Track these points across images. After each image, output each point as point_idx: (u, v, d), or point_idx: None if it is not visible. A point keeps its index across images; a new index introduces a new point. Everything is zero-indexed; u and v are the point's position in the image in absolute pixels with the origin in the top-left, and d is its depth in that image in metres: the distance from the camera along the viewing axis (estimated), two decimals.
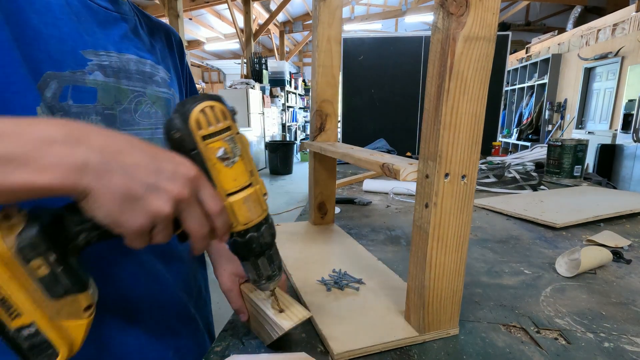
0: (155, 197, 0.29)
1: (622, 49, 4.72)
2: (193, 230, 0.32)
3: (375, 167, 0.53)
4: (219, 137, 0.33)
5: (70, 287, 0.29)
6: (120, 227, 0.29)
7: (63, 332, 0.29)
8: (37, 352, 0.28)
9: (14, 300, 0.27)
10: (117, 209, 0.28)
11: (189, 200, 0.31)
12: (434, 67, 0.41)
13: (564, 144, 1.54)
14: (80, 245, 0.30)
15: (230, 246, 0.39)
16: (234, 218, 0.36)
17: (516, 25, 8.16)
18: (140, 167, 0.29)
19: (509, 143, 7.01)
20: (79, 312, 0.30)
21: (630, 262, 0.74)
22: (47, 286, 0.28)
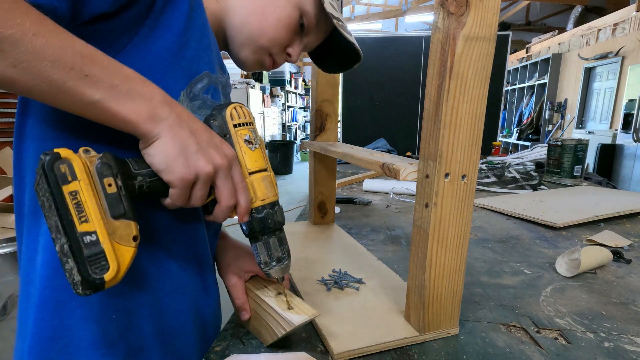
0: (202, 157, 0.37)
1: (622, 49, 4.72)
2: (222, 197, 0.40)
3: (375, 167, 0.53)
4: (245, 127, 0.44)
5: (127, 211, 0.34)
6: (170, 173, 0.36)
7: (115, 251, 0.33)
8: (93, 261, 0.31)
9: (86, 206, 0.32)
10: (173, 157, 0.36)
11: (225, 171, 0.39)
12: (434, 66, 0.41)
13: (564, 143, 1.54)
14: (135, 187, 0.36)
15: (247, 224, 0.44)
16: (254, 194, 0.44)
17: (516, 25, 8.16)
18: (199, 133, 0.38)
19: (509, 143, 7.01)
20: (129, 239, 0.34)
21: (630, 262, 0.74)
22: (111, 204, 0.33)
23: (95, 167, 0.33)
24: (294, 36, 0.56)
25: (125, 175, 0.35)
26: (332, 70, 0.69)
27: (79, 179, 0.32)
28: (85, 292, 0.31)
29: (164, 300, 0.48)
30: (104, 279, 0.32)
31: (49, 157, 0.31)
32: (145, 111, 0.35)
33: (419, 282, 0.46)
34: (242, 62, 0.58)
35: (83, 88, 0.32)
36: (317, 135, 0.84)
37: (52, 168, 0.31)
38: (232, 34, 0.55)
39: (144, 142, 0.36)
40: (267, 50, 0.56)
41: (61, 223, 0.31)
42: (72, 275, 0.31)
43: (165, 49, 0.42)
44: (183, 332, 0.51)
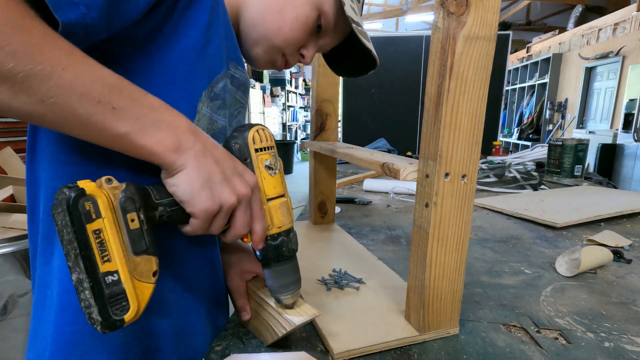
0: (227, 188, 0.37)
1: (623, 49, 4.71)
2: (238, 226, 0.39)
3: (375, 166, 0.53)
4: (267, 151, 0.43)
5: (148, 247, 0.33)
6: (193, 205, 0.35)
7: (136, 290, 0.32)
8: (114, 302, 0.31)
9: (109, 245, 0.31)
10: (197, 187, 0.35)
11: (247, 201, 0.39)
12: (434, 66, 0.41)
13: (565, 143, 1.54)
14: (156, 217, 0.35)
15: (262, 251, 0.44)
16: (270, 221, 0.43)
17: (517, 25, 8.15)
18: (223, 161, 0.38)
19: (509, 143, 7.01)
20: (149, 275, 0.34)
21: (630, 262, 0.74)
22: (133, 240, 0.33)
23: (119, 202, 0.32)
24: (309, 37, 0.54)
25: (147, 206, 0.34)
26: (345, 74, 0.67)
27: (103, 217, 0.31)
28: (103, 330, 0.31)
29: (186, 328, 0.49)
30: (124, 320, 0.32)
31: (74, 194, 0.30)
32: (171, 142, 0.34)
33: (419, 281, 0.46)
34: (254, 60, 0.56)
35: (110, 122, 0.31)
36: (317, 135, 0.84)
37: (77, 206, 0.30)
38: (246, 30, 0.53)
39: (167, 172, 0.35)
40: (280, 50, 0.54)
41: (83, 263, 0.30)
42: (91, 312, 0.31)
43: (189, 47, 0.41)
44: (200, 338, 0.52)
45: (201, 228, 0.37)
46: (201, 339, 0.52)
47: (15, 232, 1.29)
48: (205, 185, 0.35)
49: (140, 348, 0.45)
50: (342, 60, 0.66)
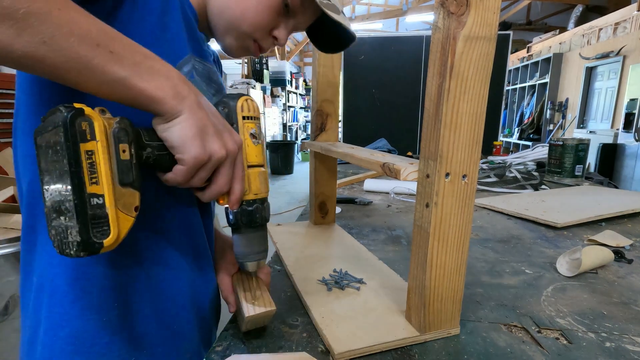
0: (217, 140, 0.38)
1: (623, 48, 4.71)
2: (219, 182, 0.40)
3: (376, 166, 0.53)
4: (252, 121, 0.45)
5: (134, 181, 0.34)
6: (183, 151, 0.36)
7: (118, 219, 0.33)
8: (96, 224, 0.31)
9: (99, 168, 0.31)
10: (190, 135, 0.36)
11: (232, 158, 0.40)
12: (434, 66, 0.41)
13: (566, 143, 1.54)
14: (143, 157, 0.36)
15: (235, 214, 0.45)
16: (248, 186, 0.45)
17: (517, 25, 8.14)
18: (216, 116, 0.40)
19: (510, 142, 7.00)
20: (131, 208, 0.34)
21: (631, 262, 0.74)
22: (122, 170, 0.33)
23: (113, 131, 0.33)
24: (278, 18, 0.53)
25: (137, 144, 0.35)
26: (327, 50, 0.66)
27: (98, 140, 0.31)
28: (78, 253, 0.30)
29: (161, 285, 0.48)
30: (103, 244, 0.31)
31: (72, 112, 0.30)
32: (169, 89, 0.35)
33: (419, 282, 0.46)
34: (228, 49, 0.56)
35: (110, 65, 0.31)
36: (317, 135, 0.85)
37: (74, 123, 0.30)
38: (214, 21, 0.53)
39: (163, 118, 0.36)
40: (250, 36, 0.53)
41: (71, 180, 0.30)
42: (67, 235, 0.30)
43: (146, 32, 0.41)
44: (181, 317, 0.51)
45: (185, 176, 0.37)
46: (179, 299, 0.50)
47: (16, 232, 1.29)
48: (198, 134, 0.36)
49: (126, 332, 0.45)
50: (323, 36, 0.65)
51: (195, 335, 0.54)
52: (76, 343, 0.43)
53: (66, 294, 0.43)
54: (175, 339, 0.51)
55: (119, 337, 0.45)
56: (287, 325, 0.52)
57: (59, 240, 0.31)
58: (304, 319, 0.53)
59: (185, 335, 0.52)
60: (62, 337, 0.43)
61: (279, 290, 0.62)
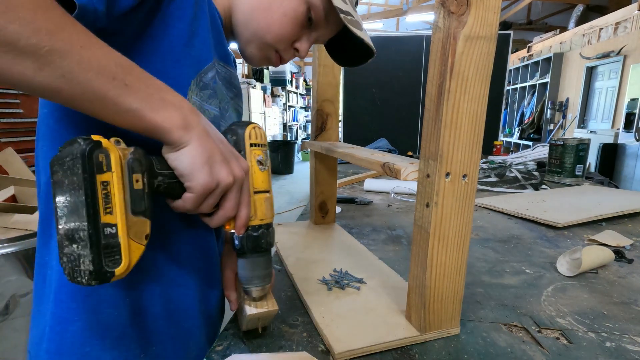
0: (225, 167, 0.39)
1: (624, 48, 4.70)
2: (226, 207, 0.41)
3: (376, 166, 0.53)
4: (259, 148, 0.46)
5: (146, 209, 0.35)
6: (192, 179, 0.37)
7: (129, 247, 0.33)
8: (108, 253, 0.32)
9: (113, 199, 0.32)
10: (198, 164, 0.37)
11: (239, 183, 0.41)
12: (434, 66, 0.41)
13: (566, 143, 1.54)
14: (154, 185, 0.37)
15: (241, 240, 0.46)
16: (254, 212, 0.45)
17: (518, 24, 8.14)
18: (223, 145, 0.41)
19: (510, 142, 7.00)
20: (142, 237, 0.35)
21: (632, 262, 0.74)
22: (134, 200, 0.34)
23: (127, 162, 0.34)
24: (301, 31, 0.54)
25: (149, 173, 0.36)
26: (346, 64, 0.67)
27: (113, 171, 0.32)
28: (90, 282, 0.31)
29: (171, 290, 0.49)
30: (114, 273, 0.32)
31: (91, 144, 0.31)
32: (178, 119, 0.36)
33: (419, 281, 0.46)
34: (249, 58, 0.57)
35: (123, 97, 0.33)
36: (318, 135, 0.85)
37: (92, 155, 0.31)
38: (238, 30, 0.55)
39: (171, 147, 0.37)
40: (273, 47, 0.54)
41: (86, 210, 0.31)
42: (79, 264, 0.31)
43: (176, 37, 0.43)
44: (191, 320, 0.52)
45: (194, 203, 0.39)
46: (191, 319, 0.52)
47: (17, 232, 1.29)
48: (206, 162, 0.37)
49: (133, 327, 0.46)
50: (342, 50, 0.66)
51: (203, 331, 0.55)
52: (87, 336, 0.44)
53: (80, 289, 0.43)
54: (185, 342, 0.51)
55: (128, 332, 0.46)
56: (287, 325, 0.52)
57: (71, 267, 0.31)
58: (304, 319, 0.53)
59: (194, 332, 0.53)
60: (73, 331, 0.44)
61: (279, 290, 0.62)
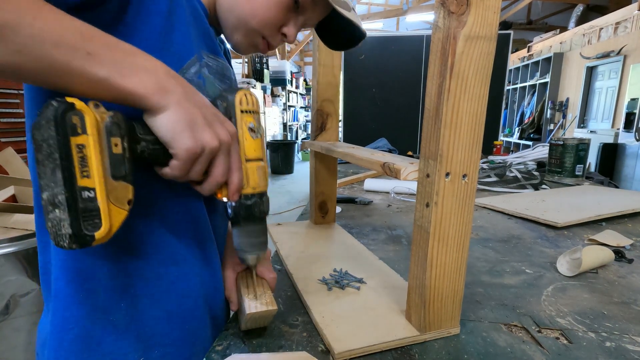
0: (208, 131, 0.38)
1: (624, 48, 4.70)
2: (216, 172, 0.40)
3: (376, 166, 0.53)
4: (251, 114, 0.45)
5: (126, 174, 0.35)
6: (175, 145, 0.36)
7: (110, 212, 0.33)
8: (87, 216, 0.32)
9: (90, 162, 0.32)
10: (179, 129, 0.36)
11: (227, 148, 0.40)
12: (434, 66, 0.41)
13: (566, 143, 1.54)
14: (137, 150, 0.36)
15: (234, 208, 0.45)
16: (246, 180, 0.44)
17: (518, 24, 8.13)
18: (205, 108, 0.39)
19: (510, 142, 7.00)
20: (124, 202, 0.35)
21: (632, 262, 0.74)
22: (114, 164, 0.34)
23: (105, 125, 0.33)
24: (288, 15, 0.53)
25: (131, 138, 0.35)
26: (336, 48, 0.66)
27: (89, 134, 0.32)
28: (71, 245, 0.31)
29: (171, 284, 0.47)
30: (94, 237, 0.32)
31: (63, 105, 0.30)
32: (152, 84, 0.35)
33: (419, 281, 0.46)
34: (236, 46, 0.56)
35: (88, 67, 0.31)
36: (318, 134, 0.84)
37: (64, 117, 0.30)
38: (224, 17, 0.53)
39: (150, 113, 0.36)
40: (259, 33, 0.53)
41: (62, 174, 0.30)
42: (60, 227, 0.31)
43: (152, 34, 0.41)
44: (195, 316, 0.50)
45: (181, 170, 0.38)
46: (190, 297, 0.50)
47: (17, 232, 1.29)
48: (187, 126, 0.36)
49: (123, 301, 0.45)
50: (332, 33, 0.64)
51: (209, 332, 0.53)
52: (83, 344, 0.43)
53: (71, 296, 0.43)
54: (189, 337, 0.50)
55: (126, 336, 0.45)
56: (287, 325, 0.52)
57: (54, 232, 0.31)
58: (304, 319, 0.53)
59: (199, 334, 0.51)
60: (69, 340, 0.43)
61: (279, 289, 0.62)
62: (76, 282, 0.43)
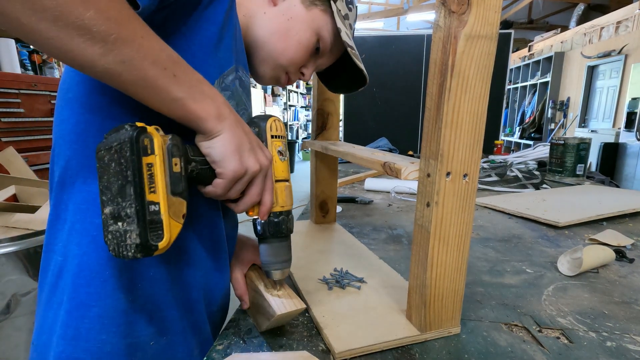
0: (252, 156, 0.43)
1: (625, 47, 4.69)
2: (252, 193, 0.45)
3: (376, 166, 0.53)
4: (280, 139, 0.50)
5: (183, 191, 0.38)
6: (223, 166, 0.41)
7: (169, 224, 0.36)
8: (152, 228, 0.35)
9: (156, 179, 0.35)
10: (229, 151, 0.41)
11: (265, 171, 0.45)
12: (435, 65, 0.41)
13: (567, 142, 1.54)
14: (189, 170, 0.40)
15: (263, 225, 0.49)
16: (276, 199, 0.48)
17: (519, 23, 8.11)
18: (251, 134, 0.44)
19: (511, 142, 6.99)
20: (180, 216, 0.38)
21: (633, 261, 0.74)
22: (174, 182, 0.37)
23: (167, 147, 0.37)
24: (309, 58, 0.61)
25: (185, 159, 0.39)
26: (338, 91, 0.75)
27: (156, 154, 0.35)
28: (136, 254, 0.34)
29: (181, 277, 0.50)
30: (158, 246, 0.35)
31: (137, 129, 0.34)
32: (214, 110, 0.40)
33: (420, 281, 0.46)
34: (260, 76, 0.62)
35: (171, 86, 0.36)
36: (318, 134, 0.84)
37: (139, 139, 0.34)
38: (254, 49, 0.59)
39: (205, 136, 0.40)
40: (284, 69, 0.60)
41: (134, 189, 0.34)
42: (125, 238, 0.34)
43: (207, 39, 0.46)
44: (197, 309, 0.53)
45: (224, 188, 0.42)
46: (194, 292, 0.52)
47: (18, 231, 1.29)
48: (236, 150, 0.41)
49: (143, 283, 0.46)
50: (335, 77, 0.73)
51: (208, 329, 0.56)
52: (104, 322, 0.45)
53: (97, 274, 0.44)
54: (193, 329, 0.52)
55: (144, 318, 0.47)
56: (287, 324, 0.52)
57: (116, 244, 0.35)
58: (304, 318, 0.53)
59: (201, 328, 0.54)
60: (91, 317, 0.44)
61: None
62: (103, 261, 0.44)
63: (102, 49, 0.32)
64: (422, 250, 0.45)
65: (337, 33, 0.60)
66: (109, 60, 0.33)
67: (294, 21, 0.58)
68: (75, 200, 0.45)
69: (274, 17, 0.57)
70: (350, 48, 0.59)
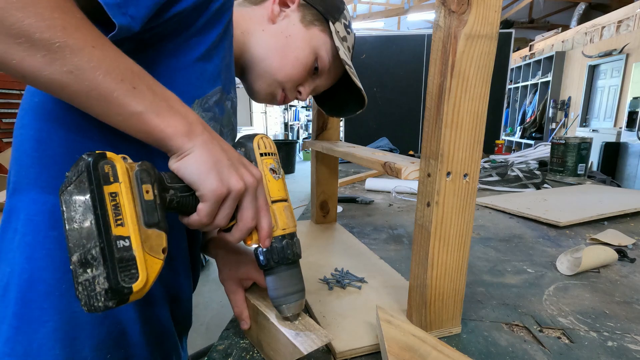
0: (234, 174, 0.38)
1: (626, 46, 4.68)
2: (245, 217, 0.39)
3: (377, 166, 0.53)
4: (270, 156, 0.46)
5: (159, 221, 0.33)
6: (201, 186, 0.36)
7: (146, 261, 0.31)
8: (123, 267, 0.30)
9: (123, 210, 0.31)
10: (205, 170, 0.36)
11: (253, 191, 0.39)
12: (435, 65, 0.41)
13: (568, 142, 1.53)
14: (167, 199, 0.35)
15: (266, 254, 0.43)
16: (275, 222, 0.43)
17: (519, 23, 8.10)
18: (231, 151, 0.40)
19: (512, 141, 6.98)
20: (159, 250, 0.33)
21: (634, 261, 0.73)
22: (147, 211, 0.32)
23: (135, 173, 0.33)
24: (307, 77, 0.61)
25: (160, 186, 0.35)
26: (335, 114, 0.74)
27: (120, 181, 0.31)
28: (107, 303, 0.29)
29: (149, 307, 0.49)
30: (132, 289, 0.30)
31: (94, 156, 0.30)
32: (182, 127, 0.36)
33: (421, 281, 0.46)
34: (255, 92, 0.62)
35: (129, 99, 0.33)
36: (319, 134, 0.84)
37: (97, 167, 0.30)
38: (251, 66, 0.59)
39: (176, 156, 0.37)
40: (281, 85, 0.60)
41: (96, 224, 0.29)
42: (94, 286, 0.29)
43: (192, 59, 0.45)
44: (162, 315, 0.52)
45: (208, 214, 0.37)
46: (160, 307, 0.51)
47: None
48: (213, 167, 0.36)
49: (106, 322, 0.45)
50: (332, 99, 0.74)
51: (174, 333, 0.55)
52: (59, 336, 0.43)
53: (54, 288, 0.42)
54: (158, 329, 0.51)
55: (103, 328, 0.45)
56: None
57: (86, 295, 0.29)
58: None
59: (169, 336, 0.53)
60: (45, 332, 0.42)
61: None
62: (61, 274, 0.43)
63: (45, 57, 0.29)
64: (423, 250, 0.45)
65: (336, 53, 0.60)
66: (54, 70, 0.30)
67: (293, 39, 0.57)
68: (28, 210, 0.43)
69: (272, 34, 0.57)
70: (348, 67, 0.59)
